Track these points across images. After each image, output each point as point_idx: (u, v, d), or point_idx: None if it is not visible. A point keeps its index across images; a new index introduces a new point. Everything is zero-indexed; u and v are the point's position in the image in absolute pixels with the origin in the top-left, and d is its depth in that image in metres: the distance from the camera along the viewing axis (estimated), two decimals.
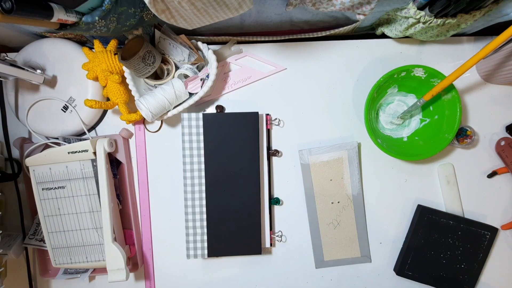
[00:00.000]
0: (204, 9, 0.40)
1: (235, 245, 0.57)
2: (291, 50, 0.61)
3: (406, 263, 0.59)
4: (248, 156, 0.56)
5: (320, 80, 0.61)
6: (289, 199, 0.61)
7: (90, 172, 0.55)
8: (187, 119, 0.56)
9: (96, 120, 0.60)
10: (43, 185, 0.56)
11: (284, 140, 0.61)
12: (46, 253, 0.59)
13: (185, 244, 0.57)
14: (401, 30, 0.53)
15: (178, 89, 0.54)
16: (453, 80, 0.47)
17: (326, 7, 0.50)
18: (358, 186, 0.60)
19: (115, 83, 0.54)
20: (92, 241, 0.57)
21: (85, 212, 0.56)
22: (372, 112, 0.59)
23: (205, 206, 0.57)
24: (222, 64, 0.61)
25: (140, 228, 0.61)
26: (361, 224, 0.61)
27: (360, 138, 0.61)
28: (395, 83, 0.57)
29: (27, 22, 0.41)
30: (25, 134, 0.61)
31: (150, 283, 0.62)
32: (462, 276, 0.59)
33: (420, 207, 0.59)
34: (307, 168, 0.60)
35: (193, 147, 0.56)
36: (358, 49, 0.61)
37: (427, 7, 0.46)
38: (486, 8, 0.47)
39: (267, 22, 0.58)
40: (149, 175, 0.61)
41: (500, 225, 0.60)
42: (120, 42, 0.57)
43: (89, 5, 0.43)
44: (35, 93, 0.58)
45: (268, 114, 0.61)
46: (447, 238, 0.59)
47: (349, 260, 0.61)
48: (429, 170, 0.61)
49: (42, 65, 0.56)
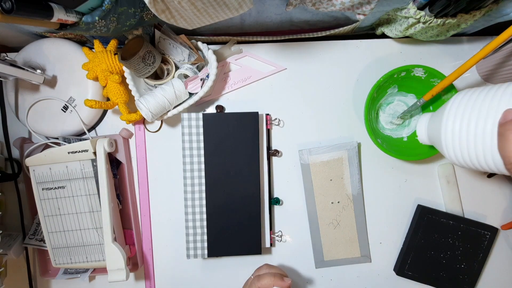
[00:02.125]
0: (204, 9, 0.40)
1: (235, 245, 0.57)
2: (291, 50, 0.61)
3: (406, 263, 0.59)
4: (248, 156, 0.56)
5: (320, 80, 0.62)
6: (289, 199, 0.61)
7: (90, 172, 0.55)
8: (187, 119, 0.56)
9: (96, 120, 0.60)
10: (43, 185, 0.56)
11: (284, 140, 0.61)
12: (46, 253, 0.59)
13: (185, 244, 0.57)
14: (401, 30, 0.53)
15: (178, 89, 0.54)
16: (453, 80, 0.47)
17: (326, 7, 0.50)
18: (358, 186, 0.60)
19: (115, 83, 0.55)
20: (92, 241, 0.57)
21: (85, 212, 0.56)
22: (372, 112, 0.59)
23: (205, 206, 0.57)
24: (222, 64, 0.61)
25: (140, 228, 0.61)
26: (361, 224, 0.61)
27: (360, 138, 0.61)
28: (395, 83, 0.57)
29: (27, 22, 0.41)
30: (25, 134, 0.61)
31: (150, 283, 0.62)
32: (462, 276, 0.59)
33: (420, 207, 0.59)
34: (307, 168, 0.60)
35: (193, 147, 0.56)
36: (358, 49, 0.61)
37: (427, 7, 0.46)
38: (486, 8, 0.47)
39: (267, 22, 0.58)
40: (149, 175, 0.61)
41: (500, 225, 0.60)
42: (120, 42, 0.57)
43: (89, 5, 0.43)
44: (35, 93, 0.58)
45: (268, 114, 0.61)
46: (447, 238, 0.59)
47: (349, 260, 0.61)
48: (429, 170, 0.61)
49: (42, 65, 0.56)
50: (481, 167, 0.39)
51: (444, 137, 0.42)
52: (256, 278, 0.48)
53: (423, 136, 0.50)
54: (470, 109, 0.38)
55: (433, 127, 0.46)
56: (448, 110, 0.42)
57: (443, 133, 0.42)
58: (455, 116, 0.40)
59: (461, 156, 0.40)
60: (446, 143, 0.42)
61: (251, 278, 0.50)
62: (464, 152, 0.39)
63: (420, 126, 0.50)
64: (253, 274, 0.51)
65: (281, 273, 0.49)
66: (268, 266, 0.51)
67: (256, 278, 0.48)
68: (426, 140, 0.50)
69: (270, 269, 0.50)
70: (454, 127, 0.40)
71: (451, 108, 0.41)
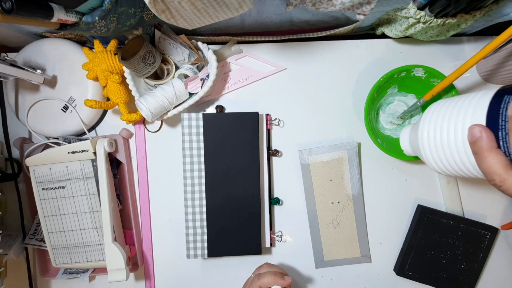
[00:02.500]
0: (204, 9, 0.40)
1: (235, 245, 0.57)
2: (291, 50, 0.61)
3: (406, 263, 0.59)
4: (248, 156, 0.56)
5: (320, 80, 0.62)
6: (289, 199, 0.61)
7: (90, 172, 0.55)
8: (187, 119, 0.56)
9: (96, 120, 0.60)
10: (43, 185, 0.56)
11: (284, 140, 0.61)
12: (46, 253, 0.59)
13: (185, 244, 0.57)
14: (401, 30, 0.53)
15: (178, 89, 0.55)
16: (453, 80, 0.47)
17: (326, 7, 0.50)
18: (358, 186, 0.60)
19: (115, 83, 0.55)
20: (92, 241, 0.57)
21: (85, 212, 0.56)
22: (372, 112, 0.59)
23: (205, 206, 0.57)
24: (222, 64, 0.61)
25: (140, 228, 0.61)
26: (361, 224, 0.61)
27: (360, 138, 0.61)
28: (395, 83, 0.57)
29: (27, 22, 0.41)
30: (25, 134, 0.61)
31: (150, 283, 0.62)
32: (462, 276, 0.59)
33: (420, 207, 0.59)
34: (307, 168, 0.60)
35: (193, 147, 0.56)
36: (358, 49, 0.61)
37: (427, 7, 0.46)
38: (486, 8, 0.47)
39: (267, 22, 0.58)
40: (149, 175, 0.61)
41: (500, 225, 0.60)
42: (120, 42, 0.57)
43: (89, 5, 0.43)
44: (35, 93, 0.58)
45: (268, 114, 0.61)
46: (447, 238, 0.59)
47: (349, 260, 0.61)
48: (429, 170, 0.61)
49: (42, 65, 0.56)
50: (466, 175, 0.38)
51: (422, 147, 0.42)
52: (257, 277, 0.48)
53: (406, 147, 0.50)
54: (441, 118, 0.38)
55: (413, 138, 0.46)
56: (423, 120, 0.42)
57: (420, 143, 0.42)
58: (429, 125, 0.40)
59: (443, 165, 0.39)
60: (425, 153, 0.41)
61: (251, 277, 0.50)
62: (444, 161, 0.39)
63: (403, 138, 0.50)
64: (253, 273, 0.51)
65: (282, 271, 0.49)
66: (268, 265, 0.51)
67: (257, 277, 0.48)
68: (410, 151, 0.50)
69: (270, 268, 0.50)
70: (429, 136, 0.40)
71: (426, 117, 0.41)
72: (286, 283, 0.46)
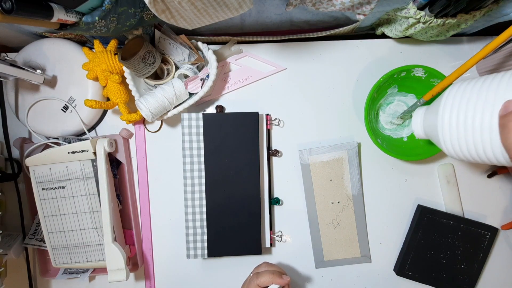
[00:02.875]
0: (204, 9, 0.40)
1: (235, 245, 0.57)
2: (291, 50, 0.61)
3: (406, 263, 0.59)
4: (248, 156, 0.56)
5: (320, 80, 0.62)
6: (289, 199, 0.61)
7: (90, 172, 0.55)
8: (187, 119, 0.56)
9: (96, 120, 0.60)
10: (43, 185, 0.56)
11: (284, 140, 0.61)
12: (46, 253, 0.59)
13: (185, 244, 0.57)
14: (401, 30, 0.53)
15: (178, 89, 0.55)
16: (453, 80, 0.47)
17: (326, 7, 0.50)
18: (358, 186, 0.60)
19: (115, 83, 0.55)
20: (92, 241, 0.57)
21: (85, 212, 0.56)
22: (372, 112, 0.59)
23: (205, 206, 0.57)
24: (222, 64, 0.61)
25: (140, 228, 0.61)
26: (361, 224, 0.61)
27: (360, 138, 0.61)
28: (395, 83, 0.57)
29: (27, 22, 0.41)
30: (25, 134, 0.61)
31: (150, 283, 0.62)
32: (462, 276, 0.59)
33: (420, 207, 0.59)
34: (307, 168, 0.60)
35: (193, 147, 0.56)
36: (358, 49, 0.61)
37: (427, 7, 0.46)
38: (486, 8, 0.47)
39: (267, 22, 0.58)
40: (149, 175, 0.61)
41: (500, 225, 0.60)
42: (120, 42, 0.57)
43: (89, 5, 0.43)
44: (35, 93, 0.58)
45: (268, 114, 0.61)
46: (447, 238, 0.59)
47: (349, 260, 0.61)
48: (429, 170, 0.61)
49: (42, 65, 0.56)
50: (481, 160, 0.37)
51: (441, 130, 0.40)
52: (255, 276, 0.48)
53: (419, 130, 0.48)
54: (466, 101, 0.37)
55: (429, 120, 0.45)
56: (444, 102, 0.40)
57: (439, 126, 0.40)
58: (451, 108, 0.39)
59: (460, 149, 0.38)
60: (444, 137, 0.40)
61: (250, 276, 0.50)
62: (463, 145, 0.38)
63: (416, 120, 0.48)
64: (252, 272, 0.51)
65: (280, 270, 0.49)
66: (267, 264, 0.51)
67: (255, 276, 0.48)
68: (422, 135, 0.48)
69: (269, 267, 0.50)
70: (451, 119, 0.38)
71: (447, 99, 0.40)
72: (284, 282, 0.47)
